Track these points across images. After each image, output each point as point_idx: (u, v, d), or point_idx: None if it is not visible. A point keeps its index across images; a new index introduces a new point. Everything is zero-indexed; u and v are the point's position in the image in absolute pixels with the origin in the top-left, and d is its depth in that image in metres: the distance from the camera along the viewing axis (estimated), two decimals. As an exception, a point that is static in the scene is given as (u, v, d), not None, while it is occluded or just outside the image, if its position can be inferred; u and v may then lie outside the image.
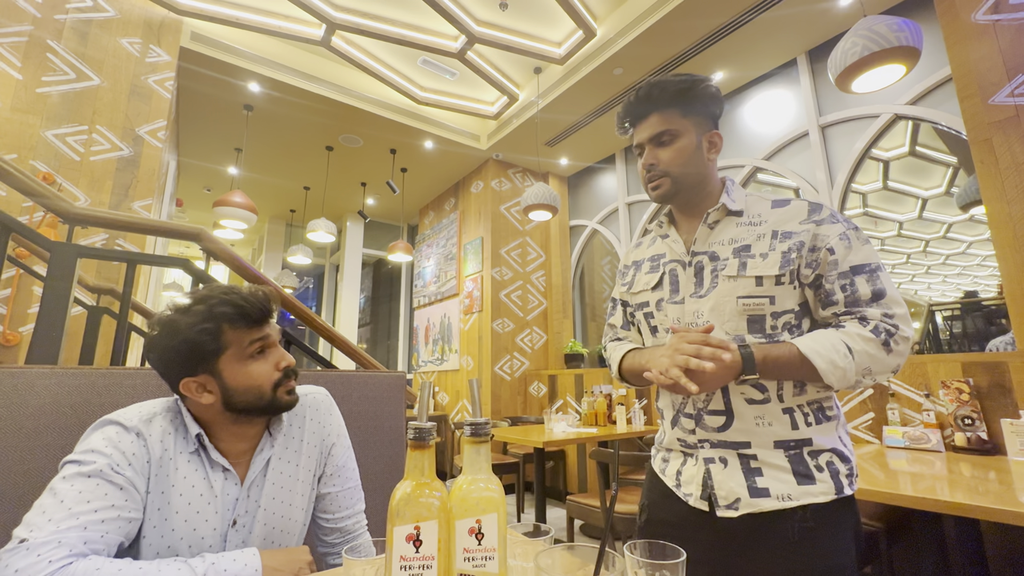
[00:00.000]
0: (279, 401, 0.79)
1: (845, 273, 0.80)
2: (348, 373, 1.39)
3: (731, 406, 0.84)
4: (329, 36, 3.40)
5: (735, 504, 0.81)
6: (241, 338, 0.76)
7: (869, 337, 0.77)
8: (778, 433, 0.82)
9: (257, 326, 0.78)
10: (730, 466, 0.83)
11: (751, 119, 3.58)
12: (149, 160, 2.92)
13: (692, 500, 0.86)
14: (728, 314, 0.84)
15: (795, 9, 2.85)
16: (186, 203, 6.01)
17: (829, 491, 0.79)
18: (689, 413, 0.88)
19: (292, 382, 0.81)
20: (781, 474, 0.80)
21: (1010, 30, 1.99)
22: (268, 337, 0.79)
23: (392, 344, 6.89)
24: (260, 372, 0.77)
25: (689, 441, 0.89)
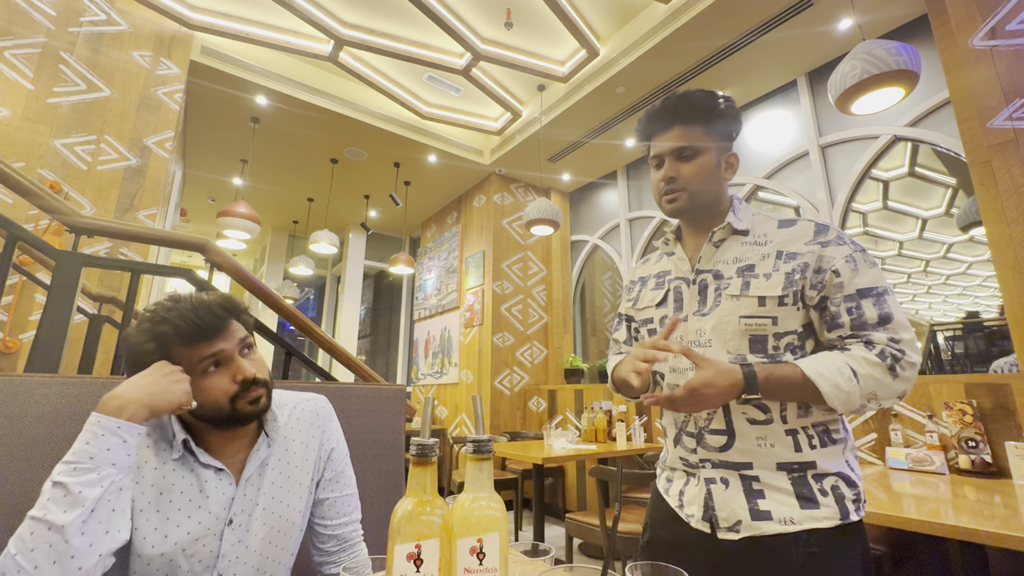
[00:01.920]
0: (240, 412, 0.77)
1: (851, 296, 0.79)
2: (347, 386, 1.39)
3: (732, 426, 0.83)
4: (337, 52, 3.46)
5: (736, 527, 0.80)
6: (190, 355, 0.74)
7: (875, 361, 0.75)
8: (781, 455, 0.80)
9: (205, 341, 0.75)
10: (731, 487, 0.82)
11: (752, 138, 3.62)
12: (155, 170, 2.95)
13: (694, 522, 0.85)
14: (730, 333, 0.84)
15: (795, 32, 2.90)
16: (190, 213, 6.05)
17: (834, 516, 0.77)
18: (691, 432, 0.88)
19: (254, 392, 0.78)
20: (784, 497, 0.79)
21: (1007, 55, 2.03)
22: (220, 352, 0.76)
23: (392, 356, 6.87)
24: (214, 387, 0.75)
25: (691, 460, 0.88)
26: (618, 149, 4.26)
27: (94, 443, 0.64)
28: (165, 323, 0.73)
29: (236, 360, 0.78)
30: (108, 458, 0.64)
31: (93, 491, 0.62)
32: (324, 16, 3.20)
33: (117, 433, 0.66)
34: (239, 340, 0.79)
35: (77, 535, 0.59)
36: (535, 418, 4.48)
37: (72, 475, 0.62)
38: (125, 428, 0.66)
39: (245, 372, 0.77)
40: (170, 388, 0.71)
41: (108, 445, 0.65)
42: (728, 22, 2.86)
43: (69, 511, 0.59)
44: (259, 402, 0.79)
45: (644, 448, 3.11)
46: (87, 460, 0.63)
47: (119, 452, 0.65)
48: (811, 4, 2.70)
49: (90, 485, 0.62)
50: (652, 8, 3.06)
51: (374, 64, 3.77)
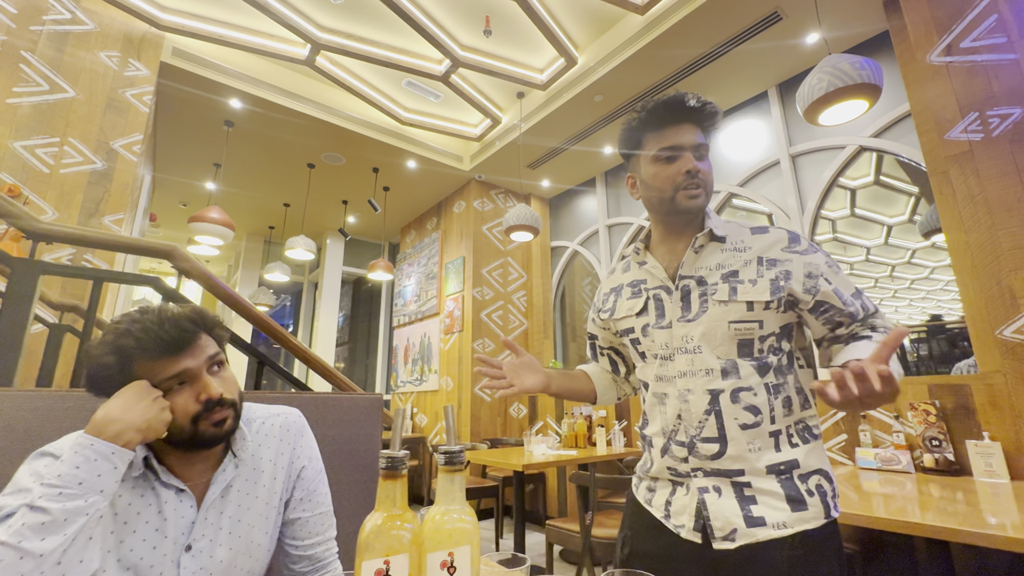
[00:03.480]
0: (202, 434, 0.72)
1: (855, 294, 0.86)
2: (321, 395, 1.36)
3: (724, 432, 0.82)
4: (314, 56, 3.42)
5: (732, 535, 0.79)
6: (152, 371, 0.70)
7: None
8: (768, 457, 0.81)
9: (170, 357, 0.70)
10: (724, 495, 0.81)
11: (726, 147, 3.71)
12: (123, 174, 2.86)
13: (684, 532, 0.83)
14: (720, 338, 0.84)
15: (766, 44, 2.99)
16: (161, 218, 5.87)
17: (819, 515, 0.79)
18: (681, 441, 0.86)
19: (219, 413, 0.74)
20: (775, 501, 0.79)
21: (962, 71, 2.13)
22: (186, 372, 0.71)
23: (371, 364, 6.77)
24: (176, 406, 0.71)
25: (680, 470, 0.86)
26: (597, 156, 4.32)
27: (86, 468, 0.60)
28: (128, 336, 0.68)
29: (202, 378, 0.73)
30: (98, 484, 0.61)
31: (79, 519, 0.58)
32: (300, 20, 3.16)
33: (111, 459, 0.62)
34: (208, 357, 0.75)
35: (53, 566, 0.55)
36: (516, 424, 4.47)
37: (57, 500, 0.57)
38: (119, 454, 0.63)
39: (210, 391, 0.72)
40: (159, 416, 0.68)
41: (100, 471, 0.61)
42: (702, 34, 2.94)
43: (49, 539, 0.55)
44: (224, 424, 0.74)
45: (624, 453, 3.13)
46: (75, 486, 0.59)
47: (109, 479, 0.62)
48: (780, 19, 2.79)
49: (76, 513, 0.58)
50: (629, 19, 3.12)
51: (352, 69, 3.74)
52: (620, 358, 1.11)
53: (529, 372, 0.98)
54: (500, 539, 3.42)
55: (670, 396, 0.88)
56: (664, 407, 0.90)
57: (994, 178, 2.00)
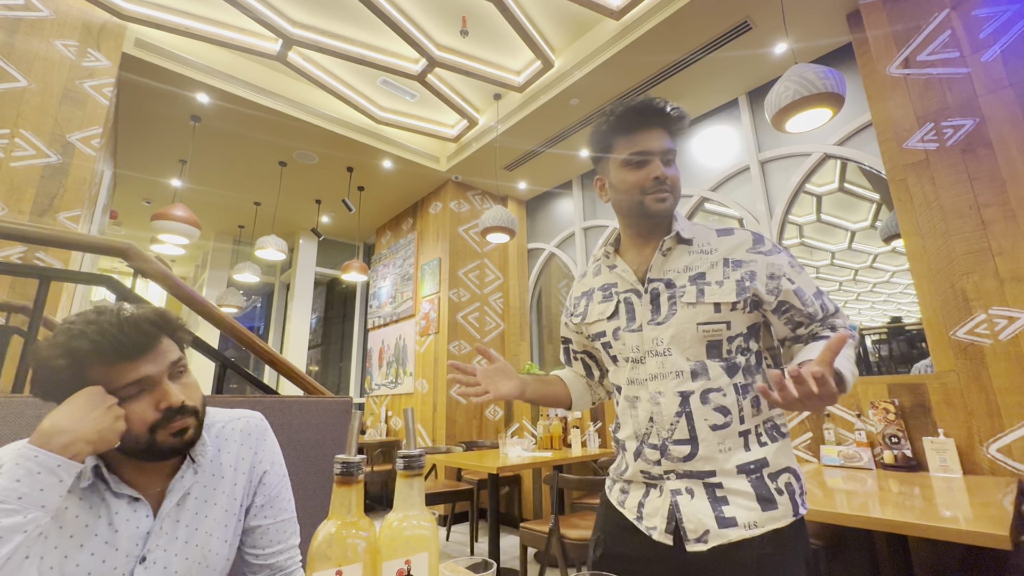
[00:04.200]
0: (159, 445, 0.68)
1: (816, 294, 0.88)
2: (289, 399, 1.32)
3: (695, 433, 0.83)
4: (285, 51, 3.34)
5: (704, 537, 0.80)
6: (108, 377, 0.65)
7: (850, 343, 0.82)
8: (738, 457, 0.82)
9: (125, 362, 0.66)
10: (697, 496, 0.82)
11: (698, 152, 3.78)
12: (80, 169, 2.72)
13: (656, 534, 0.84)
14: (689, 340, 0.85)
15: (737, 53, 3.07)
16: (123, 216, 5.63)
17: (788, 514, 0.81)
18: (654, 444, 0.86)
19: (179, 422, 0.70)
20: (746, 501, 0.80)
21: (919, 83, 2.22)
22: (145, 378, 0.67)
23: (344, 366, 6.64)
24: (133, 414, 0.66)
25: (653, 473, 0.86)
26: (573, 159, 4.35)
27: (27, 481, 0.56)
28: (82, 338, 0.63)
29: (162, 384, 0.69)
30: (40, 499, 0.56)
31: (16, 537, 0.54)
32: (272, 14, 3.08)
33: (56, 472, 0.58)
34: (169, 363, 0.70)
35: None
36: (492, 427, 4.45)
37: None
38: (65, 467, 0.59)
39: (171, 398, 0.68)
40: (112, 426, 0.63)
41: (43, 485, 0.57)
42: (675, 41, 2.99)
43: None
44: (184, 434, 0.70)
45: (599, 454, 3.15)
46: (14, 500, 0.55)
47: (53, 493, 0.58)
48: (750, 28, 2.87)
49: (13, 530, 0.54)
50: (604, 24, 3.15)
51: (326, 65, 3.67)
52: (594, 362, 1.11)
53: (504, 378, 0.97)
54: (475, 542, 3.39)
55: (641, 399, 0.89)
56: (636, 411, 0.90)
57: (948, 186, 2.09)
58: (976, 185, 2.02)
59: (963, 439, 1.98)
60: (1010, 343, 1.88)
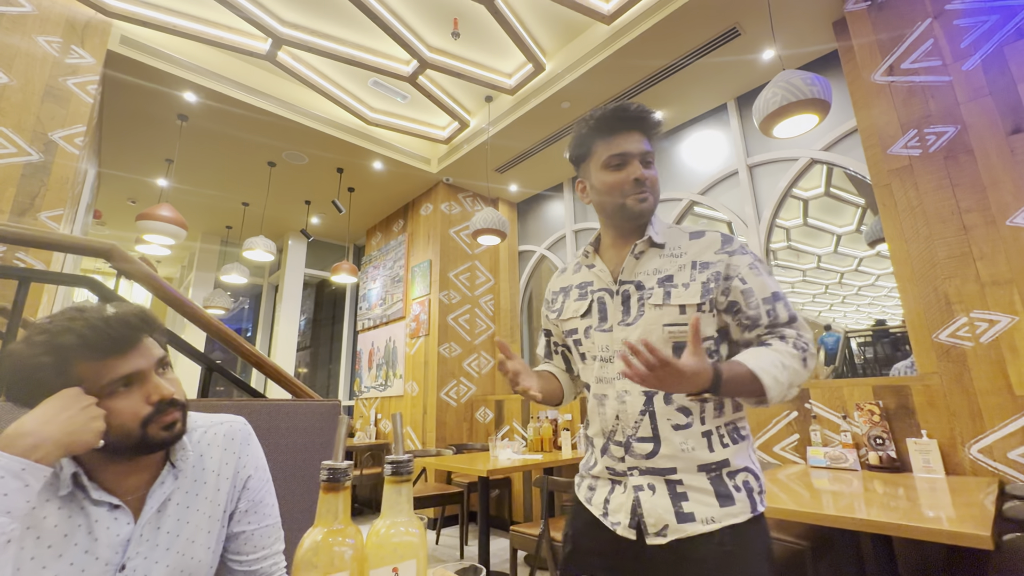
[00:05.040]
0: (151, 439, 0.68)
1: (768, 299, 0.87)
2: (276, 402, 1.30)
3: (658, 432, 0.86)
4: (275, 51, 3.31)
5: (663, 531, 0.83)
6: (97, 373, 0.64)
7: (794, 353, 0.83)
8: (700, 457, 0.85)
9: (115, 356, 0.65)
10: (658, 492, 0.85)
11: (687, 156, 3.82)
12: (62, 168, 2.67)
13: (620, 529, 0.86)
14: (655, 341, 0.87)
15: (726, 58, 3.10)
16: (107, 215, 5.53)
17: (746, 510, 0.83)
18: (619, 441, 0.89)
19: (170, 415, 0.70)
20: (705, 497, 0.83)
21: (903, 90, 2.27)
22: (136, 373, 0.67)
23: (333, 369, 6.58)
24: (124, 409, 0.66)
25: (618, 469, 0.89)
26: (564, 162, 4.36)
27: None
28: (68, 333, 0.62)
29: (152, 379, 0.69)
30: (4, 504, 0.55)
31: None
32: (262, 13, 3.05)
33: (20, 476, 0.56)
34: (157, 359, 0.71)
35: None
36: (482, 429, 4.43)
37: None
38: (31, 471, 0.57)
39: (162, 391, 0.69)
40: (87, 426, 0.61)
41: (6, 490, 0.55)
42: (665, 45, 3.02)
43: None
44: (174, 427, 0.71)
45: (589, 456, 3.15)
46: None
47: (18, 498, 0.56)
48: (739, 34, 2.91)
49: None
50: (596, 28, 3.17)
51: (316, 66, 3.64)
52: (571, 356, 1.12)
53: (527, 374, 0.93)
54: (465, 546, 3.37)
55: (609, 397, 0.91)
56: (603, 408, 0.92)
57: (931, 191, 2.13)
58: (958, 191, 2.06)
59: (946, 440, 2.01)
60: (990, 346, 1.92)
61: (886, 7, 2.38)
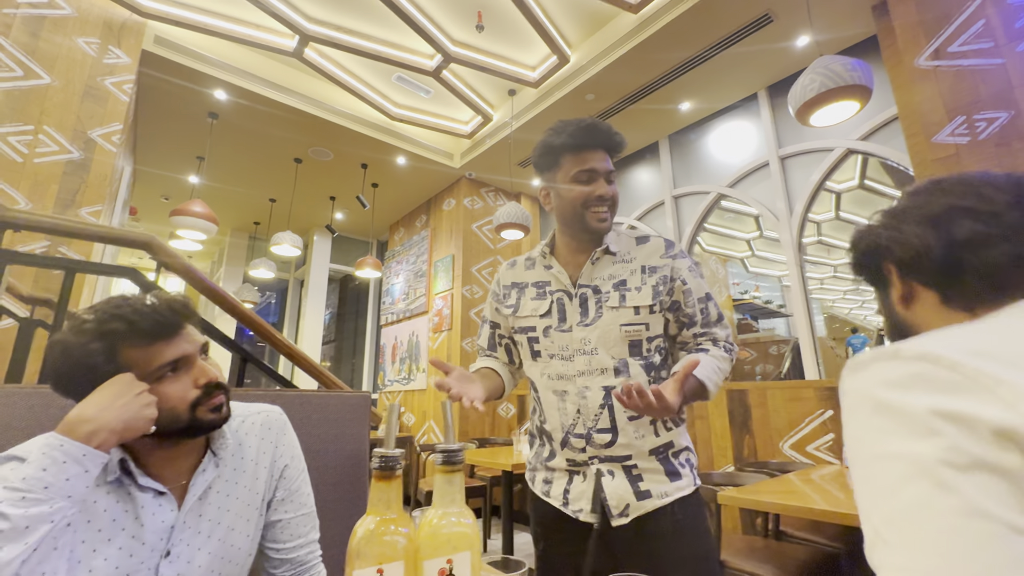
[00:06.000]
0: (200, 421, 0.70)
1: (701, 299, 1.00)
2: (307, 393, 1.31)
3: (615, 423, 0.94)
4: (302, 48, 3.35)
5: (626, 511, 0.91)
6: (146, 358, 0.66)
7: (725, 356, 0.98)
8: (650, 443, 0.95)
9: (162, 341, 0.67)
10: (617, 477, 0.93)
11: (715, 148, 3.72)
12: (101, 165, 2.76)
13: (583, 515, 0.93)
14: (613, 340, 0.96)
15: (756, 47, 3.01)
16: (141, 212, 5.72)
17: (690, 484, 0.96)
18: (580, 433, 0.96)
19: (218, 397, 0.72)
20: (657, 476, 0.94)
21: (949, 75, 2.16)
22: (183, 358, 0.69)
23: (357, 362, 6.68)
24: (173, 393, 0.67)
25: (578, 460, 0.96)
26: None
27: (53, 470, 0.56)
28: (116, 320, 0.64)
29: (198, 363, 0.71)
30: (66, 489, 0.56)
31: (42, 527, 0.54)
32: (289, 10, 3.09)
33: (82, 461, 0.58)
34: (200, 344, 0.73)
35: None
36: (504, 424, 4.44)
37: (19, 505, 0.53)
38: (91, 457, 0.59)
39: (209, 374, 0.71)
40: (141, 412, 0.63)
41: (69, 474, 0.57)
42: (694, 35, 2.94)
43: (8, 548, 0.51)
44: (221, 409, 0.72)
45: (613, 452, 3.12)
46: (40, 490, 0.55)
47: (79, 483, 0.58)
48: (771, 21, 2.81)
49: (40, 519, 0.54)
50: (622, 17, 3.11)
51: (341, 62, 3.67)
52: (516, 349, 1.14)
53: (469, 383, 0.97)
54: (488, 540, 3.39)
55: (570, 393, 0.97)
56: (564, 403, 0.98)
57: (980, 181, 2.03)
58: (1010, 180, 1.95)
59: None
60: (1045, 344, 1.81)
61: (932, -12, 2.26)
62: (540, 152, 1.04)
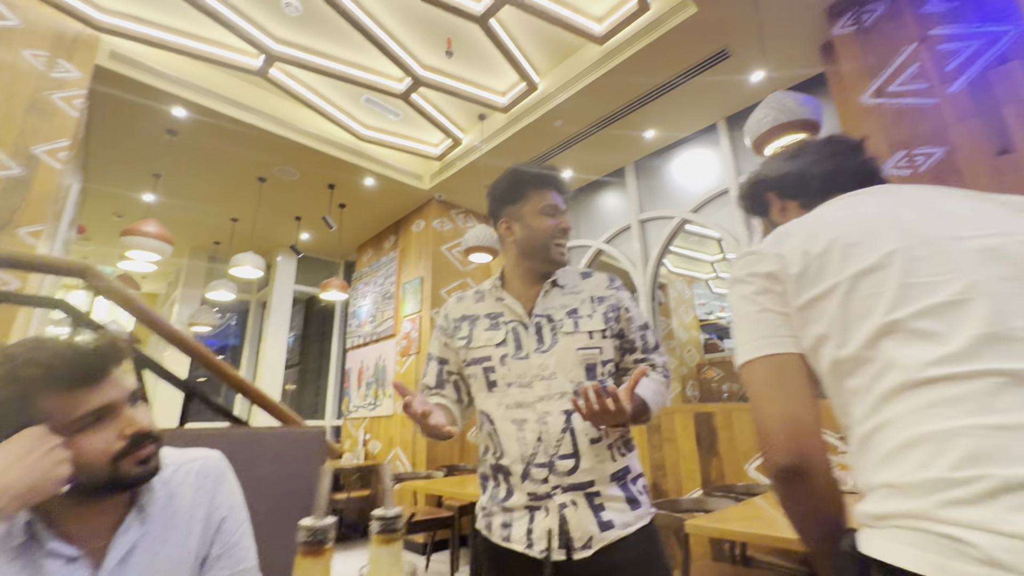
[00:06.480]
0: (124, 476, 0.63)
1: (641, 327, 1.09)
2: (257, 430, 1.24)
3: (577, 447, 0.95)
4: (267, 67, 3.29)
5: (589, 543, 0.90)
6: (65, 407, 0.59)
7: (663, 381, 1.07)
8: (610, 467, 0.97)
9: (84, 388, 0.61)
10: (580, 507, 0.92)
11: (679, 174, 3.84)
12: (44, 183, 2.60)
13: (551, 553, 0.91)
14: (571, 364, 1.00)
15: (717, 79, 3.14)
16: (93, 230, 5.43)
17: (648, 512, 0.98)
18: (541, 463, 0.94)
19: (146, 449, 0.65)
20: (619, 504, 0.95)
21: (890, 112, 2.30)
22: (107, 406, 0.62)
23: (322, 386, 6.44)
24: (93, 446, 0.61)
25: (540, 492, 0.94)
26: (556, 179, 4.36)
27: None
28: (31, 365, 0.57)
29: (126, 411, 0.64)
30: None
31: None
32: (254, 30, 3.05)
33: None
34: (130, 391, 0.66)
35: None
36: (473, 450, 4.34)
37: None
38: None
39: (138, 424, 0.64)
40: (50, 473, 0.55)
41: None
42: (656, 66, 3.05)
43: None
44: (150, 462, 0.66)
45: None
46: None
47: None
48: (728, 56, 2.95)
49: None
50: (588, 48, 3.20)
51: (308, 82, 3.63)
52: (465, 386, 1.14)
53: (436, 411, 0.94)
54: (456, 573, 3.26)
55: (529, 421, 0.98)
56: (523, 432, 0.98)
57: (922, 212, 2.14)
58: (948, 211, 2.07)
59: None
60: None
61: (872, 31, 2.43)
62: (507, 185, 1.11)
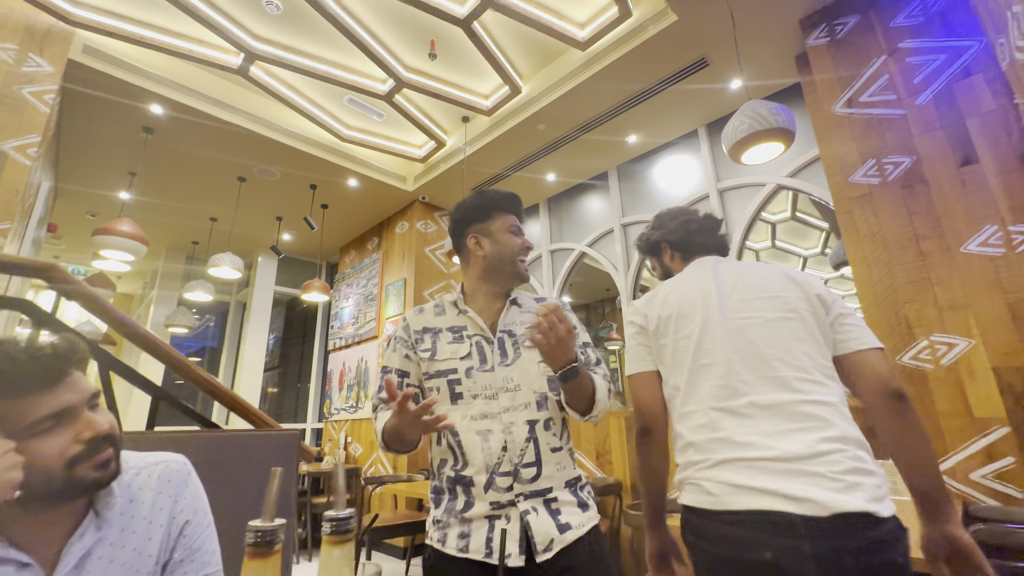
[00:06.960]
0: (79, 480, 0.61)
1: (582, 346, 1.14)
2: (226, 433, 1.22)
3: (540, 456, 1.01)
4: (247, 66, 3.25)
5: (550, 546, 0.94)
6: (18, 411, 0.58)
7: (608, 387, 1.11)
8: (566, 474, 1.04)
9: (39, 392, 0.59)
10: (540, 513, 0.97)
11: (661, 179, 3.89)
12: (12, 180, 2.53)
13: (511, 560, 0.92)
14: (534, 376, 1.06)
15: (696, 86, 3.20)
16: (65, 229, 5.29)
17: (595, 514, 1.05)
18: (506, 471, 0.98)
19: (104, 453, 0.64)
20: (573, 508, 1.01)
21: (861, 122, 2.37)
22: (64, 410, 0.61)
23: (303, 389, 6.36)
24: (47, 450, 0.59)
25: (503, 500, 0.97)
26: (540, 183, 4.39)
27: None
28: None
29: (83, 415, 0.62)
30: None
31: None
32: (235, 28, 3.01)
33: None
34: (89, 394, 0.64)
35: None
36: (456, 452, 4.32)
37: None
38: None
39: (96, 427, 0.62)
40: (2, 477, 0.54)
41: None
42: (638, 72, 3.10)
43: None
44: (109, 465, 0.64)
45: (563, 480, 3.09)
46: None
47: None
48: (707, 65, 3.00)
49: None
50: (571, 53, 3.23)
51: (290, 82, 3.60)
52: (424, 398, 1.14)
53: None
54: (435, 577, 3.24)
55: (494, 431, 1.01)
56: (488, 443, 1.01)
57: (890, 219, 2.21)
58: (915, 219, 2.14)
59: (911, 462, 2.04)
60: (950, 369, 1.97)
61: (844, 44, 2.50)
62: (476, 204, 1.18)
